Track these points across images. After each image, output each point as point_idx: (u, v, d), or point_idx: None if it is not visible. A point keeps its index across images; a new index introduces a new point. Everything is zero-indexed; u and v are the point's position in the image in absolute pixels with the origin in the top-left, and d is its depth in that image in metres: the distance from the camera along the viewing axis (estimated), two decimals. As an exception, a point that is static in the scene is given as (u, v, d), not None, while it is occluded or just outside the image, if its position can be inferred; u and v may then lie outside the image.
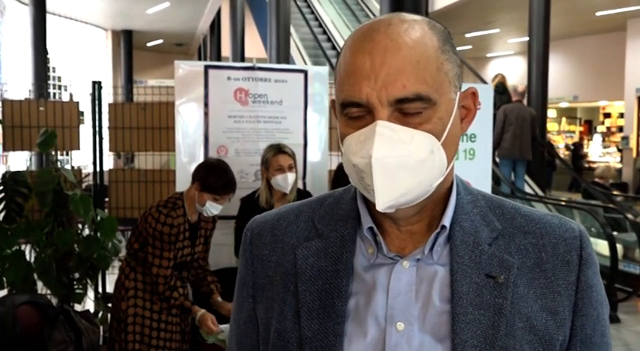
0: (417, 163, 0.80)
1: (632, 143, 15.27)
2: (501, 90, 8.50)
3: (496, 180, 7.87)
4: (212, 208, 3.13)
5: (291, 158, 3.46)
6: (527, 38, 10.12)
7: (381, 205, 0.81)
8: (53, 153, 4.30)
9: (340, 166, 3.53)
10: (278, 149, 3.48)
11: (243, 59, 14.12)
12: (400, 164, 0.79)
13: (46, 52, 12.26)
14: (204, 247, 3.34)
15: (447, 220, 0.88)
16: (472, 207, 0.91)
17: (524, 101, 8.77)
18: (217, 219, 3.37)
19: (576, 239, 0.89)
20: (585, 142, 20.39)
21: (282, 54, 10.48)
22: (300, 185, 3.98)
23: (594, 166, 15.07)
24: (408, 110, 0.80)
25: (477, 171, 4.26)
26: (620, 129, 17.84)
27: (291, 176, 3.43)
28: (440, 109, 0.82)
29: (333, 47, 11.61)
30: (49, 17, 12.52)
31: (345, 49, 0.86)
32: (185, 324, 3.29)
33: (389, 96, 0.79)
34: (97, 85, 4.69)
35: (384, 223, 0.90)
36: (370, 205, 0.90)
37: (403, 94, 0.79)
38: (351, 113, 0.83)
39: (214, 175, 3.12)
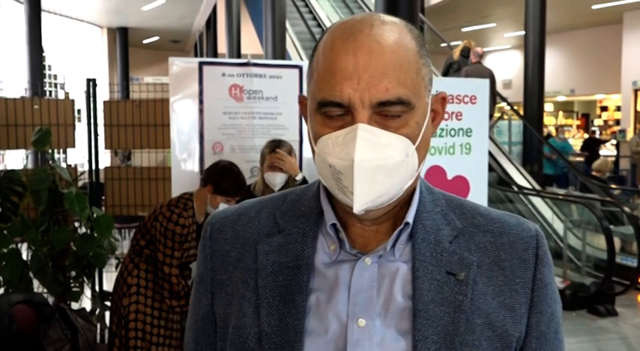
0: (393, 166, 0.81)
1: (629, 136, 15.29)
2: (466, 54, 9.11)
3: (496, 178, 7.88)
4: None
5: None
6: (523, 32, 10.12)
7: (357, 207, 0.81)
8: (50, 151, 4.28)
9: None
10: (273, 147, 3.48)
11: (239, 55, 14.09)
12: (379, 167, 0.80)
13: (41, 50, 12.24)
14: None
15: (410, 217, 0.89)
16: (433, 206, 0.92)
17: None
18: None
19: (533, 238, 0.91)
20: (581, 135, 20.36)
21: (278, 50, 10.46)
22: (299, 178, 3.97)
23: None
24: (389, 113, 0.81)
25: (473, 165, 4.25)
26: (618, 122, 17.86)
27: (280, 176, 3.42)
28: (417, 113, 0.83)
29: (329, 43, 11.55)
30: (44, 15, 12.49)
31: (324, 46, 0.84)
32: (186, 321, 3.29)
33: (372, 98, 0.79)
34: (91, 83, 4.68)
35: (347, 220, 0.90)
36: (334, 202, 0.90)
37: (386, 97, 0.80)
38: (329, 112, 0.82)
39: (227, 179, 3.15)
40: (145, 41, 22.35)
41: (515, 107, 10.53)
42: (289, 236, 0.91)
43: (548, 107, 19.25)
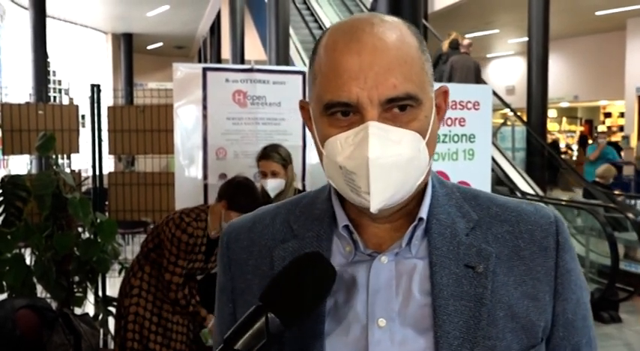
0: (406, 162, 0.81)
1: (633, 142, 15.26)
2: (455, 46, 9.16)
3: (496, 180, 7.87)
4: None
5: (276, 164, 3.40)
6: (526, 38, 10.12)
7: (374, 206, 0.80)
8: (53, 156, 4.30)
9: None
10: (263, 154, 3.45)
11: (243, 61, 14.12)
12: (393, 164, 0.79)
13: (46, 55, 12.28)
14: None
15: (423, 213, 0.88)
16: (447, 199, 0.91)
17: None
18: None
19: (552, 225, 0.90)
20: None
21: (282, 56, 10.48)
22: (299, 186, 3.98)
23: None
24: (398, 109, 0.81)
25: (476, 171, 4.25)
26: (621, 128, 17.83)
27: (271, 182, 3.39)
28: (425, 107, 0.83)
29: (333, 49, 11.58)
30: (49, 21, 12.54)
31: (325, 48, 0.84)
32: (194, 334, 3.28)
33: (380, 96, 0.79)
34: (95, 88, 4.69)
35: (360, 220, 0.89)
36: (345, 204, 0.90)
37: (394, 93, 0.79)
38: (337, 114, 0.82)
39: (242, 194, 3.10)
40: (149, 47, 22.43)
41: (519, 113, 10.53)
42: (304, 240, 0.91)
43: (551, 113, 19.24)
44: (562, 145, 19.07)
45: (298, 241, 0.91)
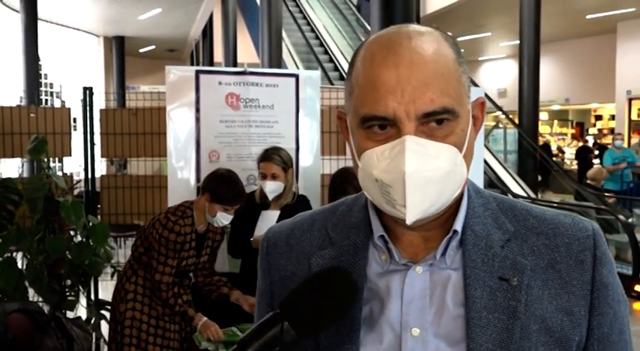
0: (443, 176, 0.81)
1: (624, 145, 15.34)
2: None
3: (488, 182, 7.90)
4: (223, 218, 3.12)
5: (276, 166, 3.42)
6: (518, 41, 10.18)
7: (410, 219, 0.81)
8: (45, 159, 4.28)
9: (338, 172, 3.53)
10: (264, 156, 3.47)
11: (235, 64, 14.12)
12: (430, 178, 0.80)
13: (37, 58, 12.25)
14: (210, 258, 3.32)
15: (458, 225, 0.88)
16: (483, 210, 0.91)
17: None
18: (226, 229, 3.35)
19: (589, 238, 0.89)
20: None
21: (274, 58, 10.50)
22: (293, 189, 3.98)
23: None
24: (435, 124, 0.81)
25: (468, 173, 4.27)
26: (612, 131, 17.94)
27: (270, 184, 3.40)
28: (462, 120, 0.83)
29: (325, 51, 11.63)
30: (40, 24, 12.50)
31: (363, 61, 0.84)
32: (186, 332, 3.28)
33: (417, 110, 0.79)
34: (87, 91, 4.69)
35: (396, 229, 0.90)
36: (381, 213, 0.90)
37: (431, 107, 0.79)
38: (374, 127, 0.82)
39: (224, 186, 3.11)
40: (142, 50, 22.39)
41: (511, 116, 10.59)
42: (341, 248, 0.92)
43: (543, 116, 19.33)
44: (553, 148, 19.16)
45: (335, 248, 0.92)
